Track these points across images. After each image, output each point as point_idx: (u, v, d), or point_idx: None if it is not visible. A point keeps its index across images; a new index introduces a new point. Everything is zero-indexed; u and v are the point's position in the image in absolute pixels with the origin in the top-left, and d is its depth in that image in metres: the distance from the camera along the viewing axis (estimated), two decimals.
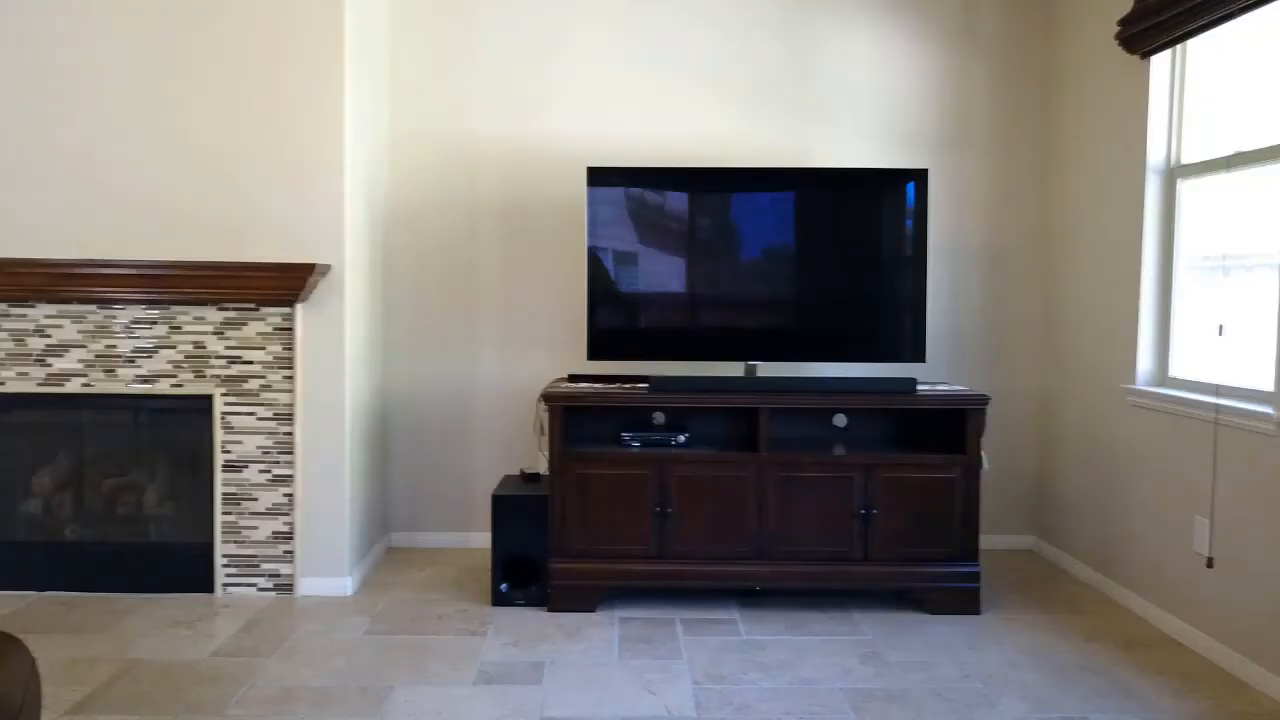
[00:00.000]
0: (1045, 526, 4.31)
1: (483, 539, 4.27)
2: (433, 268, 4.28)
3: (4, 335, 3.59)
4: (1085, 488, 3.93)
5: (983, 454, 3.51)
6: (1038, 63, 4.28)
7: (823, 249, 3.75)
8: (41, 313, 3.59)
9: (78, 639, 3.18)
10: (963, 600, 3.52)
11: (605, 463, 3.51)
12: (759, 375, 3.72)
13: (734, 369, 3.85)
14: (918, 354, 3.74)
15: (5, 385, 3.60)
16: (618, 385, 3.65)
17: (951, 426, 3.58)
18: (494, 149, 4.23)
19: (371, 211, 3.98)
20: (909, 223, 3.72)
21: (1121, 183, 3.65)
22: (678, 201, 3.74)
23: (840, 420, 3.84)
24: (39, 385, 3.60)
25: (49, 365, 3.60)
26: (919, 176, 3.72)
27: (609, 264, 3.71)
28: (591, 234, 3.69)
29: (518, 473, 3.94)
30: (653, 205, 3.73)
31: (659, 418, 3.80)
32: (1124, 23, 3.51)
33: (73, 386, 3.60)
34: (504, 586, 3.55)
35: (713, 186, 3.75)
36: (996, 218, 4.32)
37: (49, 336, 3.60)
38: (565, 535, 3.50)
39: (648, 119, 4.21)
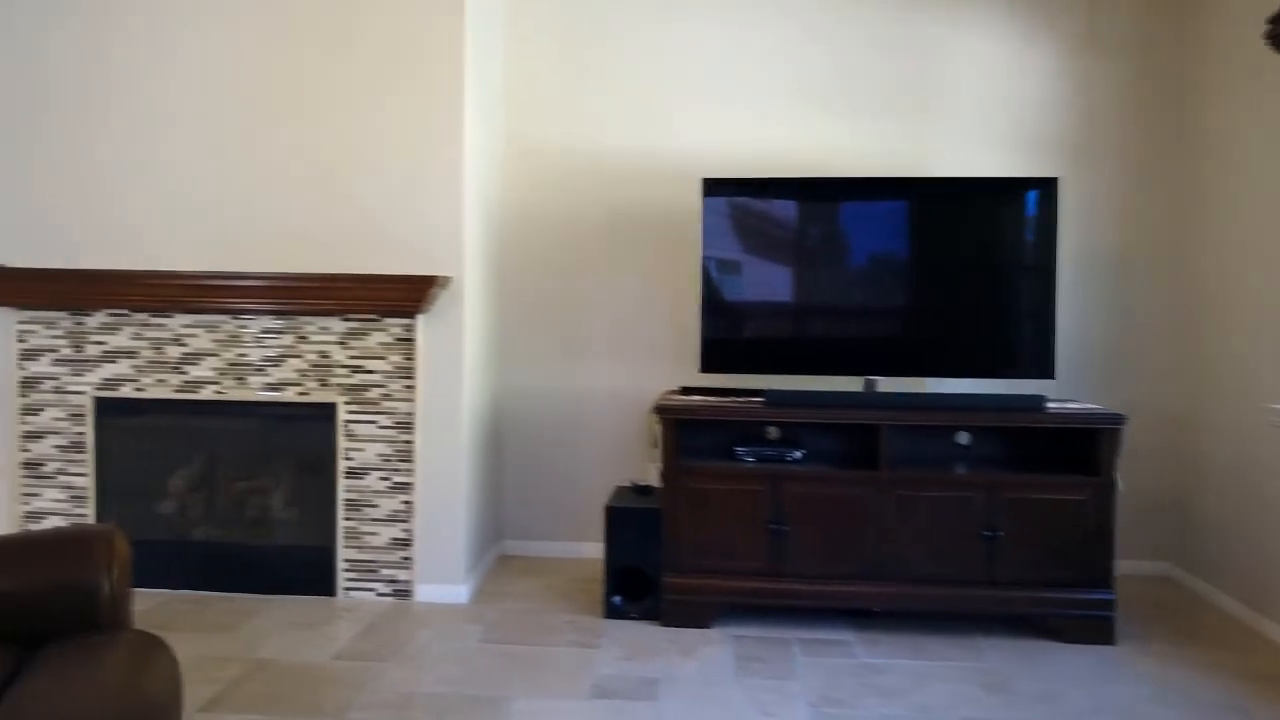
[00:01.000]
0: (1183, 553, 4.07)
1: (593, 549, 4.28)
2: (545, 279, 4.31)
3: (144, 344, 3.76)
4: (1231, 513, 3.70)
5: (1117, 476, 3.34)
6: (1173, 64, 4.07)
7: (946, 261, 3.63)
8: (179, 323, 3.75)
9: (209, 637, 3.30)
10: (1096, 629, 3.35)
11: (719, 477, 3.47)
12: (878, 391, 3.62)
13: (849, 384, 3.76)
14: (1045, 370, 3.58)
15: (145, 391, 3.77)
16: (731, 399, 3.60)
17: (1083, 446, 3.42)
18: (605, 160, 4.24)
19: (488, 223, 4.04)
20: (1037, 233, 3.58)
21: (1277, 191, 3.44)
22: (793, 212, 3.68)
23: (963, 438, 3.71)
24: (175, 391, 3.76)
25: (185, 373, 3.76)
26: (1048, 185, 3.57)
27: (723, 275, 3.67)
28: (706, 245, 3.66)
29: (628, 484, 3.93)
30: (768, 216, 3.68)
31: (773, 432, 3.74)
32: (1275, 20, 3.30)
33: (206, 393, 3.75)
34: (616, 599, 3.54)
35: (830, 196, 3.68)
36: (1130, 227, 4.12)
37: (185, 345, 3.75)
38: (678, 549, 3.47)
39: (759, 129, 4.16)
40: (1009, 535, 3.37)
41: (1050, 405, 3.48)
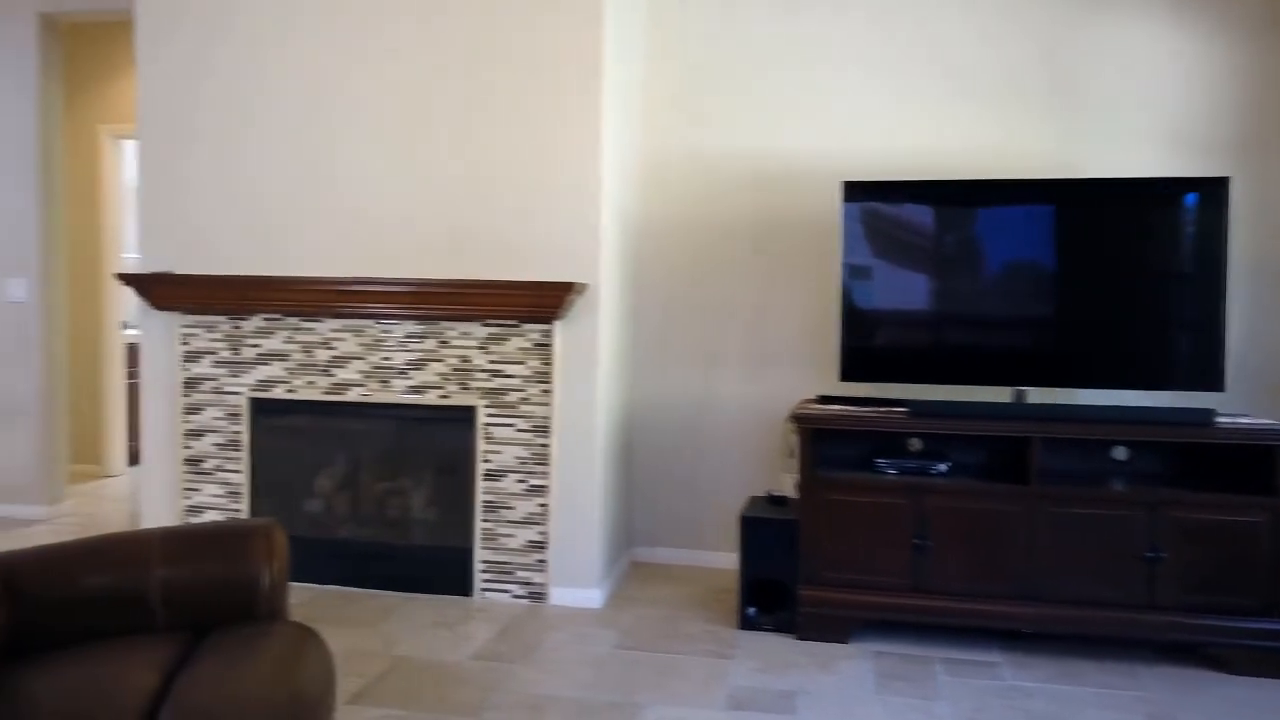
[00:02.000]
0: None
1: (724, 559, 4.23)
2: (678, 284, 4.30)
3: (295, 347, 3.92)
4: None
5: None
6: None
7: (1105, 266, 3.45)
8: (328, 327, 3.89)
9: (353, 632, 3.40)
10: (1267, 662, 3.11)
11: (858, 489, 3.37)
12: (1028, 402, 3.46)
13: (995, 394, 3.61)
14: (1213, 382, 3.35)
15: (296, 392, 3.92)
16: (871, 409, 3.50)
17: (1257, 465, 3.18)
18: (741, 164, 4.20)
19: (623, 231, 4.06)
20: (1206, 237, 3.36)
21: None
22: (938, 216, 3.56)
23: (1120, 453, 3.51)
24: (324, 393, 3.90)
25: (332, 375, 3.89)
26: (1218, 185, 3.35)
27: (863, 281, 3.58)
28: (846, 250, 3.58)
29: (763, 494, 3.87)
30: (911, 220, 3.57)
31: (915, 444, 3.62)
32: None
33: (352, 395, 3.88)
34: (751, 610, 3.48)
35: (977, 200, 3.54)
36: None
37: (333, 349, 3.89)
38: (816, 562, 3.39)
39: (901, 129, 4.05)
40: (1172, 557, 3.17)
41: (1220, 420, 3.26)
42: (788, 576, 3.43)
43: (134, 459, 6.21)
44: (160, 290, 3.94)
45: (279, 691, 1.73)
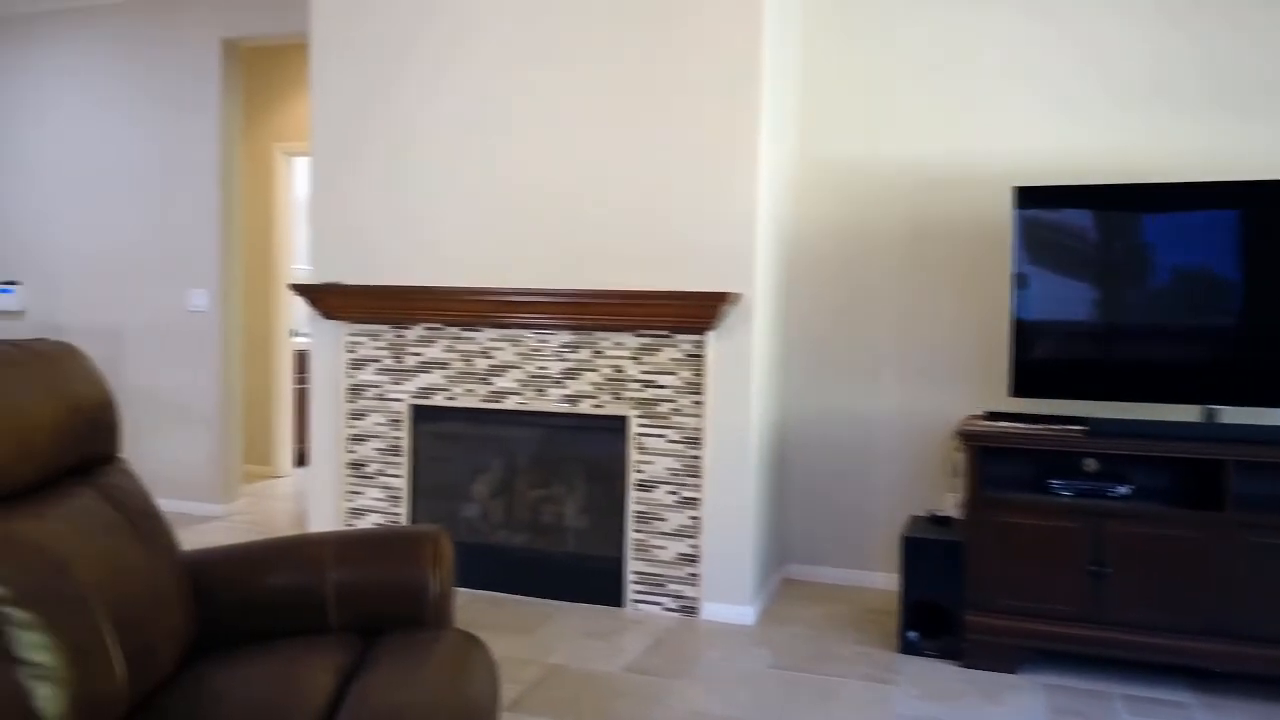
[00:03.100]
0: None
1: (881, 579, 4.09)
2: (834, 294, 4.19)
3: (455, 356, 4.01)
4: None
5: None
6: None
7: None
8: (486, 336, 3.96)
9: (507, 638, 3.44)
10: None
11: (1029, 511, 3.19)
12: (1221, 422, 3.20)
13: (1181, 413, 3.36)
14: None
15: (455, 400, 4.01)
16: (1044, 426, 3.31)
17: None
18: (900, 170, 4.06)
19: (778, 240, 3.98)
20: None
21: None
22: (1115, 222, 3.34)
23: None
24: (482, 401, 3.97)
25: (490, 383, 3.96)
26: None
27: (1035, 291, 3.39)
28: (1017, 259, 3.40)
29: (924, 514, 3.72)
30: (1086, 227, 3.36)
31: (1091, 465, 3.40)
32: None
33: (509, 403, 3.94)
34: (912, 634, 3.34)
35: (1157, 204, 3.30)
36: None
37: (491, 358, 3.96)
38: (982, 587, 3.22)
39: (1076, 130, 3.82)
40: None
41: None
42: (952, 601, 3.28)
43: (300, 460, 6.51)
44: (329, 300, 4.11)
45: (450, 700, 1.74)
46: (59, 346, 1.97)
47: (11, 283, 5.54)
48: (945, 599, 3.29)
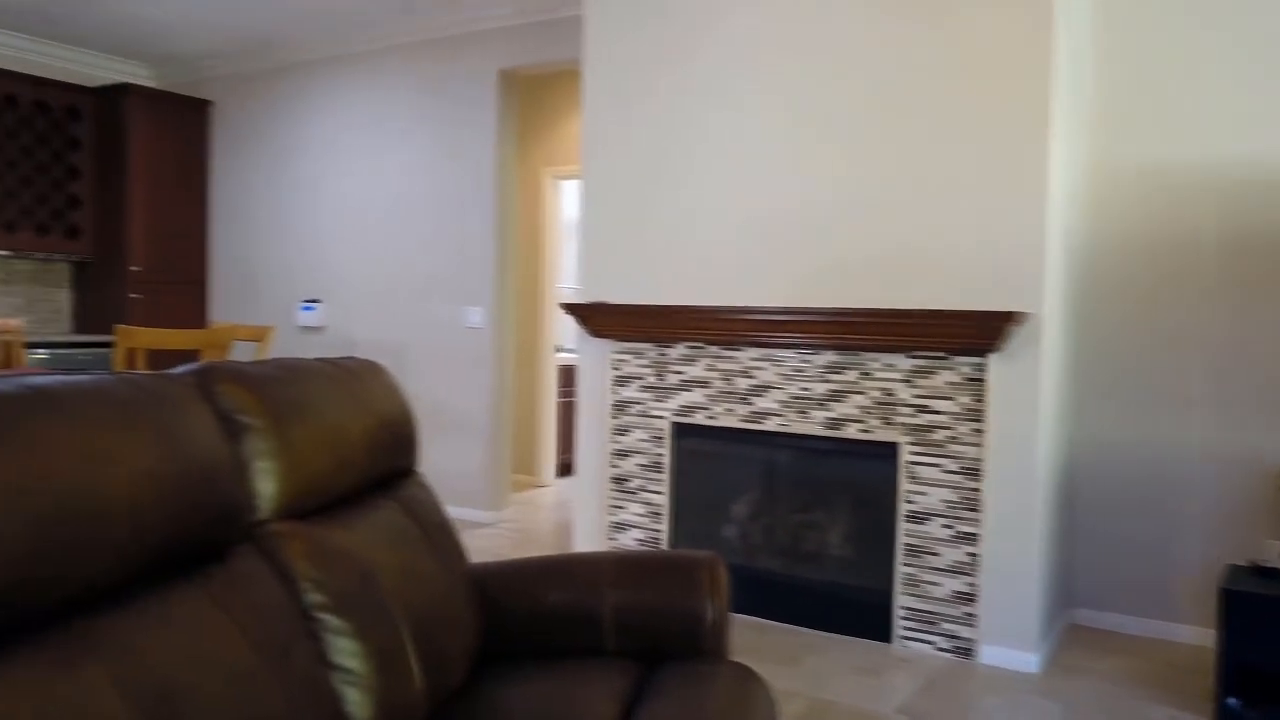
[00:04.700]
0: None
1: (1186, 632, 3.65)
2: (1134, 314, 3.79)
3: (716, 375, 3.98)
4: None
5: None
6: None
7: None
8: (747, 355, 3.90)
9: (772, 668, 3.34)
10: None
11: None
12: None
13: None
14: None
15: (716, 419, 3.98)
16: None
17: None
18: (1206, 175, 3.62)
19: (1068, 254, 3.66)
20: None
21: None
22: None
23: None
24: (742, 421, 3.92)
25: (751, 404, 3.90)
26: None
27: None
28: None
29: (1243, 562, 3.28)
30: None
31: None
32: None
33: (770, 424, 3.85)
34: (1233, 701, 2.94)
35: None
36: None
37: (752, 377, 3.90)
38: None
39: None
40: None
41: None
42: None
43: (562, 471, 6.74)
44: (596, 319, 4.20)
45: None
46: (366, 364, 2.09)
47: (314, 300, 6.10)
48: (1275, 663, 2.87)
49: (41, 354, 5.66)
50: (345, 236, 5.99)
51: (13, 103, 5.87)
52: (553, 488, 6.58)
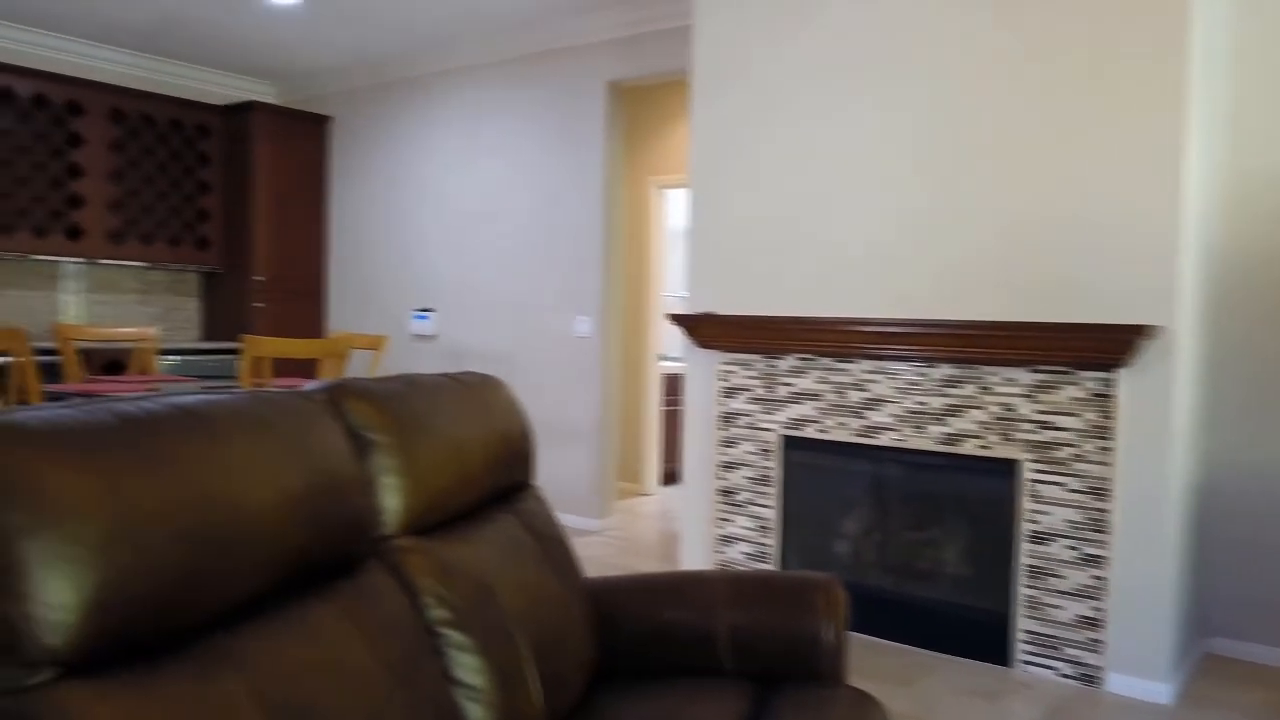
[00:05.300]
0: None
1: None
2: (1275, 328, 3.58)
3: (828, 387, 3.91)
4: None
5: None
6: None
7: None
8: (860, 368, 3.83)
9: (886, 689, 3.26)
10: None
11: None
12: None
13: None
14: None
15: (827, 432, 3.91)
16: None
17: None
18: None
19: (1204, 264, 3.48)
20: None
21: None
22: None
23: None
24: (854, 435, 3.84)
25: (864, 417, 3.82)
26: None
27: None
28: None
29: None
30: None
31: None
32: None
33: (883, 439, 3.76)
34: None
35: None
36: None
37: (865, 390, 3.82)
38: None
39: None
40: None
41: None
42: None
43: (665, 479, 6.74)
44: (704, 330, 4.18)
45: None
46: (484, 379, 2.11)
47: (427, 309, 6.24)
48: None
49: (172, 359, 5.95)
50: (459, 247, 6.11)
51: (150, 122, 6.19)
52: (656, 496, 6.58)
